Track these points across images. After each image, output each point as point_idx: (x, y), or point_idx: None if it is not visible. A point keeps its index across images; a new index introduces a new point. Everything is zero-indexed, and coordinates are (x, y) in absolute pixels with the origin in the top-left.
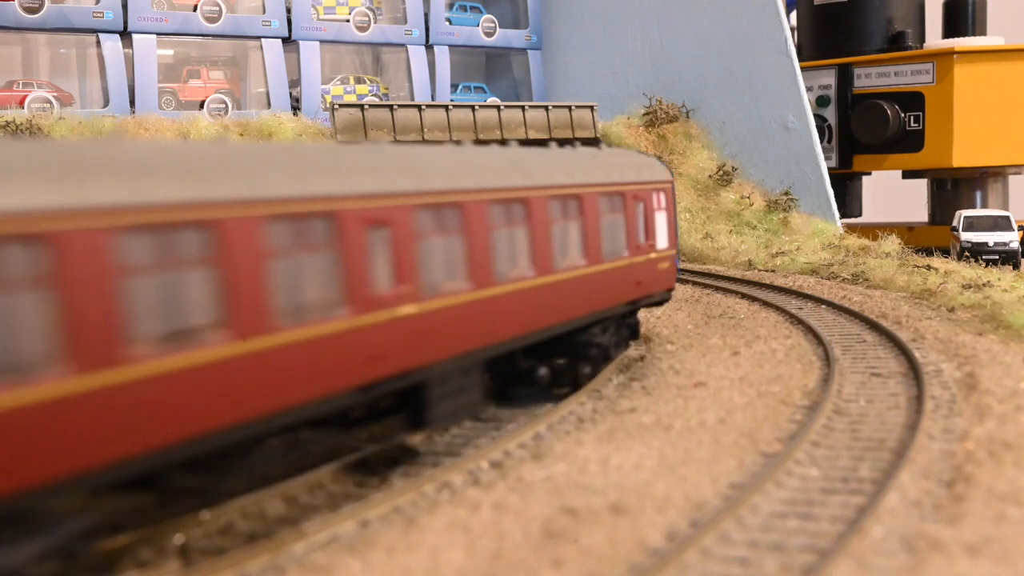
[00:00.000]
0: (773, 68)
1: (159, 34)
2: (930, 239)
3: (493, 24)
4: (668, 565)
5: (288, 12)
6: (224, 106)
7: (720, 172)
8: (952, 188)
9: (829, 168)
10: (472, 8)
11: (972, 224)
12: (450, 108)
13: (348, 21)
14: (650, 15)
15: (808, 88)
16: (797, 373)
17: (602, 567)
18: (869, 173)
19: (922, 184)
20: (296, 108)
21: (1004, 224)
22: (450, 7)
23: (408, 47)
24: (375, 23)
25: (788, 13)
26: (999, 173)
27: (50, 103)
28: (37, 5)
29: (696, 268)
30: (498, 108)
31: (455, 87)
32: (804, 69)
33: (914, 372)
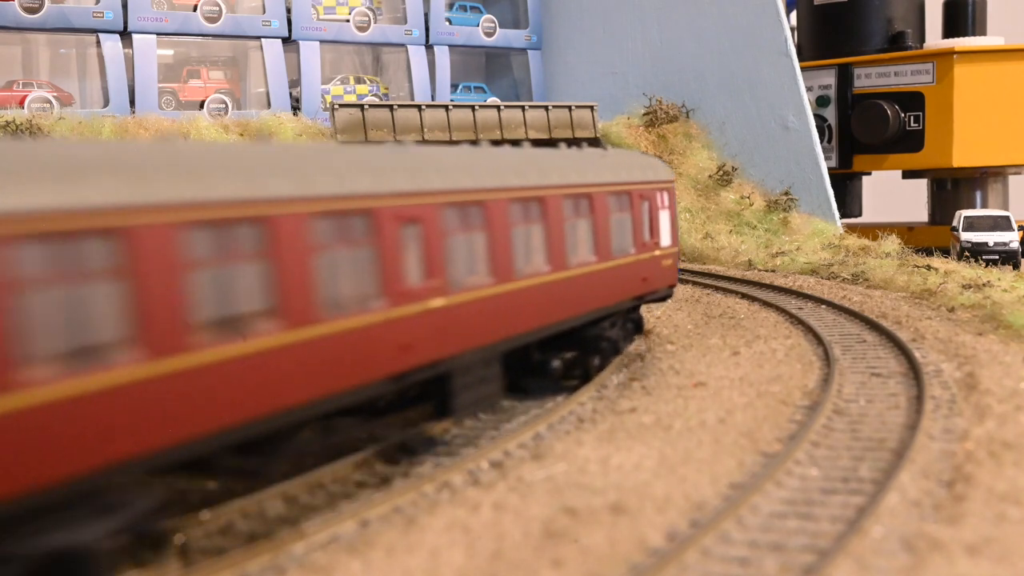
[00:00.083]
0: (773, 68)
1: (159, 34)
2: (930, 239)
3: (493, 24)
4: (668, 565)
5: (288, 12)
6: (224, 106)
7: (720, 172)
8: (952, 188)
9: (829, 168)
10: (472, 8)
11: (972, 224)
12: (450, 108)
13: (348, 21)
14: (650, 15)
15: (808, 88)
16: (797, 373)
17: (602, 567)
18: (869, 173)
19: (922, 184)
20: (296, 108)
21: (1004, 224)
22: (450, 7)
23: (408, 47)
24: (375, 23)
25: (788, 13)
26: (999, 173)
27: (50, 103)
28: (37, 5)
29: (696, 268)
30: (498, 108)
31: (455, 87)
32: (804, 69)
33: (914, 372)
